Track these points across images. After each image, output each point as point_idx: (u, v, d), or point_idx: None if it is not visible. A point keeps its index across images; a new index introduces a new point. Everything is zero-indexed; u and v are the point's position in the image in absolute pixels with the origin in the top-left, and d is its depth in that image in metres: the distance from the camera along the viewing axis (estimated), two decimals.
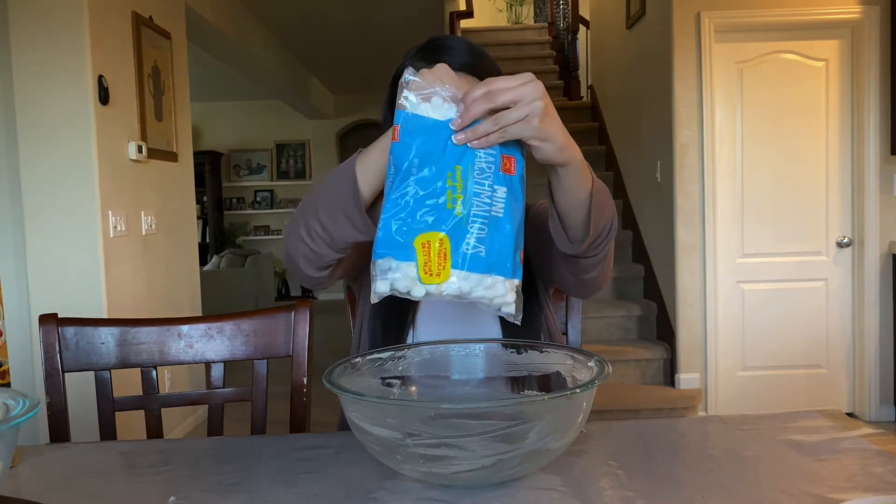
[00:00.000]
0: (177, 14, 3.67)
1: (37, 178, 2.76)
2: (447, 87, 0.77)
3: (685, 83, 3.48)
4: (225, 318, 1.28)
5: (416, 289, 0.76)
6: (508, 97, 0.73)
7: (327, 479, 0.82)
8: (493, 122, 0.74)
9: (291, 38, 6.05)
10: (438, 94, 0.77)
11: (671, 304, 3.65)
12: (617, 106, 4.81)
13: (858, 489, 0.75)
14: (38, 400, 0.68)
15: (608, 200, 0.90)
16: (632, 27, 4.27)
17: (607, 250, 0.96)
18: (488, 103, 0.74)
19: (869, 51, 3.42)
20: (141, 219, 3.18)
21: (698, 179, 3.50)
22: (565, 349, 0.88)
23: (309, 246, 0.92)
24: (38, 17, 2.72)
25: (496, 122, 0.74)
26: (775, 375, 3.58)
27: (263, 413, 1.26)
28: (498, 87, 0.74)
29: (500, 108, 0.74)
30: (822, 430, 0.93)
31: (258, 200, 9.08)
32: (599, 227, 0.89)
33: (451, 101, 0.77)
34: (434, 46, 1.03)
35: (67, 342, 1.23)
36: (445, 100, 0.77)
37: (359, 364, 0.88)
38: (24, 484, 0.86)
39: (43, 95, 2.74)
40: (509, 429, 0.71)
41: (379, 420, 0.72)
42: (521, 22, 8.68)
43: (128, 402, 1.25)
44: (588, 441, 0.90)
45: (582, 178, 0.84)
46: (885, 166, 3.45)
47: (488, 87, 0.74)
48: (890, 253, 3.48)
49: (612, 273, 1.04)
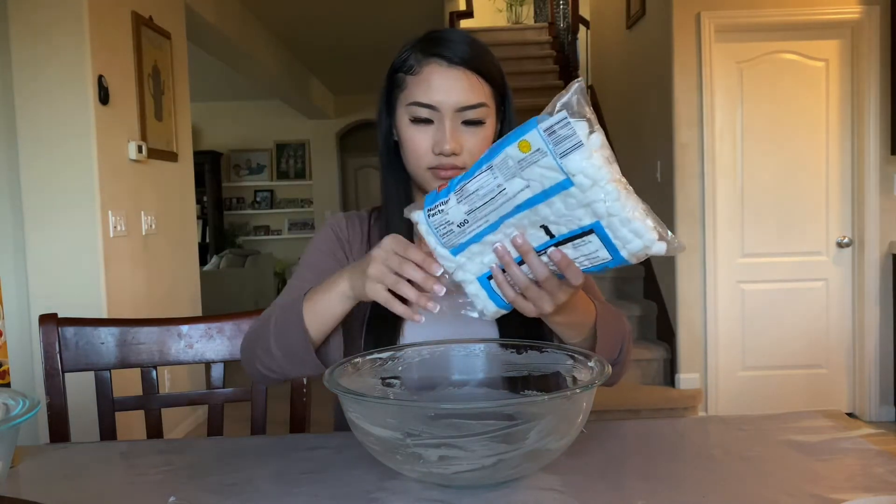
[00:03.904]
0: (177, 14, 3.67)
1: (37, 178, 2.76)
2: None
3: (685, 83, 3.48)
4: (225, 318, 1.28)
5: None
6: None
7: (327, 479, 0.82)
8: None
9: (291, 38, 6.05)
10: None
11: (671, 304, 3.65)
12: (617, 106, 4.81)
13: (858, 489, 0.75)
14: (38, 400, 0.68)
15: (616, 322, 0.94)
16: (632, 27, 4.27)
17: (623, 362, 0.99)
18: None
19: (869, 51, 3.42)
20: (141, 219, 3.18)
21: (698, 179, 3.50)
22: (565, 349, 0.88)
23: (266, 375, 0.98)
24: (38, 17, 2.72)
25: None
26: (775, 375, 3.58)
27: (263, 413, 1.26)
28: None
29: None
30: (823, 430, 0.93)
31: (258, 200, 9.08)
32: (614, 354, 0.94)
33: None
34: (432, 39, 1.00)
35: (67, 342, 1.22)
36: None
37: (359, 364, 0.88)
38: (24, 484, 0.86)
39: (43, 95, 2.74)
40: (509, 429, 0.71)
41: (379, 420, 0.72)
42: (521, 22, 8.67)
43: (128, 402, 1.25)
44: (588, 441, 0.90)
45: (584, 314, 0.89)
46: (885, 166, 3.45)
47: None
48: (890, 253, 3.48)
49: (629, 366, 1.06)
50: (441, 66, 0.98)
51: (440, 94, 0.97)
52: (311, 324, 0.91)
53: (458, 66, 0.98)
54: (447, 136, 0.96)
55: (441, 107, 0.97)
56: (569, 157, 0.66)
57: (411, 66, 1.00)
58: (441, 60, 0.98)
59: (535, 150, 0.67)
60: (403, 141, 1.02)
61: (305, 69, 7.24)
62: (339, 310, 0.91)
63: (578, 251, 0.73)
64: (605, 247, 0.71)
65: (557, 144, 0.66)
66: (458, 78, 0.97)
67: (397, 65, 1.03)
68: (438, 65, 0.98)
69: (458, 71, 0.98)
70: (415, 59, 1.00)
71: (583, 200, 0.68)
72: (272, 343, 0.94)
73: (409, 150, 1.01)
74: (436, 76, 0.98)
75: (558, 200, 0.70)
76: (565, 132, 0.66)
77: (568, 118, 0.66)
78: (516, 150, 0.69)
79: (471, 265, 0.80)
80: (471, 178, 0.74)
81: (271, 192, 9.10)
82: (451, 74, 0.97)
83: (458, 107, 0.97)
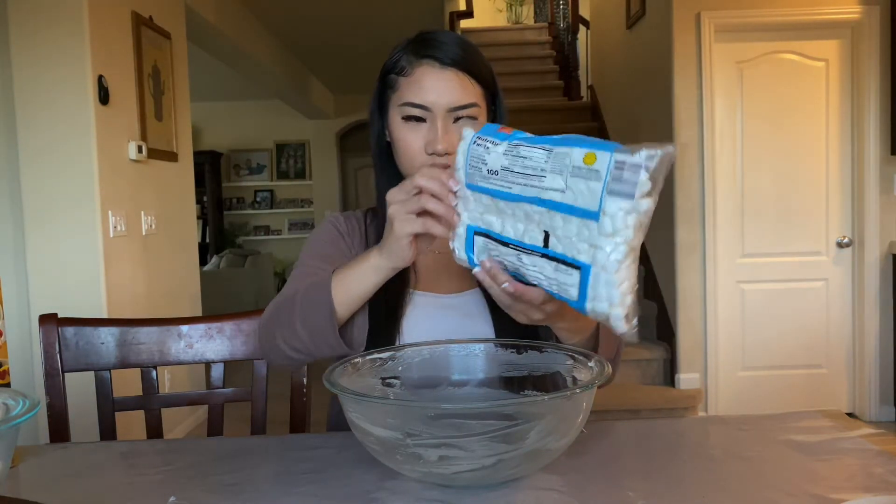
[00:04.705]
0: (177, 14, 3.67)
1: (37, 178, 2.76)
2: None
3: (685, 83, 3.48)
4: (225, 318, 1.28)
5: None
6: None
7: (327, 479, 0.82)
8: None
9: (291, 38, 6.05)
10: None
11: (671, 304, 3.65)
12: (617, 106, 4.81)
13: (858, 489, 0.75)
14: (38, 400, 0.68)
15: (607, 341, 0.95)
16: (632, 27, 4.27)
17: (619, 359, 1.01)
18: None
19: (869, 51, 3.42)
20: (141, 219, 3.18)
21: (698, 179, 3.50)
22: (565, 349, 0.88)
23: (288, 354, 0.96)
24: (38, 17, 2.72)
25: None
26: (775, 375, 3.58)
27: (263, 413, 1.26)
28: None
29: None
30: (823, 430, 0.93)
31: (258, 200, 9.08)
32: (612, 354, 0.95)
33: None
34: (424, 41, 1.01)
35: (67, 342, 1.22)
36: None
37: (359, 364, 0.88)
38: (24, 484, 0.86)
39: (43, 95, 2.74)
40: (509, 429, 0.71)
41: (379, 420, 0.72)
42: (521, 22, 8.68)
43: (128, 402, 1.25)
44: (588, 441, 0.90)
45: (585, 319, 0.88)
46: (885, 166, 3.45)
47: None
48: (890, 253, 3.48)
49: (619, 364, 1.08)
50: (433, 68, 0.99)
51: (432, 94, 0.98)
52: (340, 300, 0.91)
53: (449, 67, 0.98)
54: (439, 136, 0.97)
55: (433, 107, 0.98)
56: (614, 197, 0.65)
57: (403, 68, 1.01)
58: (433, 62, 0.99)
59: (595, 168, 0.67)
60: (396, 141, 1.02)
61: (305, 69, 7.24)
62: (372, 282, 0.91)
63: (556, 274, 0.72)
64: (578, 287, 0.70)
65: (615, 180, 0.65)
66: (449, 79, 0.98)
67: (389, 66, 1.03)
68: (430, 66, 0.99)
69: (450, 72, 0.98)
70: (406, 61, 1.01)
71: (593, 240, 0.68)
72: (297, 320, 0.93)
73: (401, 150, 1.01)
74: (428, 77, 0.98)
75: (576, 223, 0.69)
76: (629, 176, 0.65)
77: (642, 167, 0.65)
78: (581, 154, 0.68)
79: (472, 208, 0.80)
80: (531, 144, 0.73)
81: (271, 192, 9.10)
82: (443, 76, 0.98)
83: (450, 107, 0.98)
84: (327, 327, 0.91)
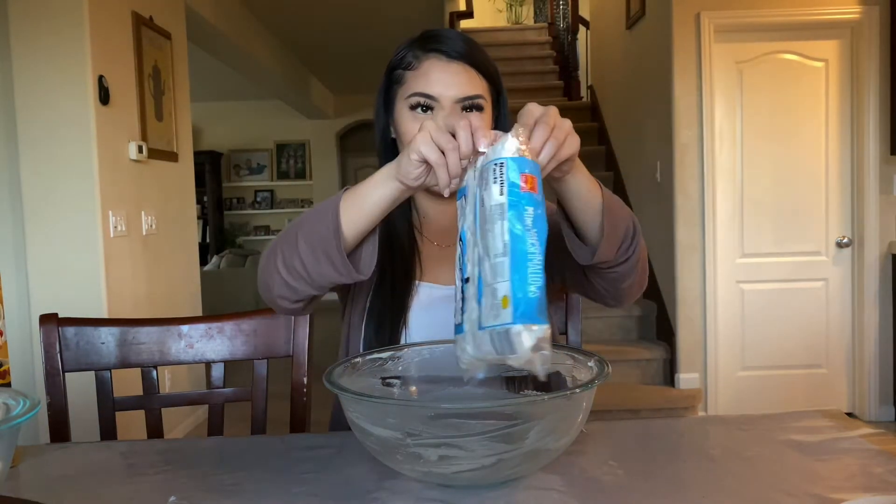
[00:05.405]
0: (177, 14, 3.67)
1: (37, 178, 2.76)
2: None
3: (685, 83, 3.48)
4: (225, 318, 1.28)
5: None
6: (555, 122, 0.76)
7: (327, 479, 0.82)
8: (555, 145, 0.74)
9: (291, 38, 6.05)
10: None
11: (671, 304, 3.65)
12: (617, 106, 4.81)
13: (858, 489, 0.75)
14: (38, 400, 0.68)
15: (620, 203, 0.90)
16: (632, 27, 4.27)
17: (638, 254, 0.94)
18: (549, 129, 0.74)
19: (869, 51, 3.42)
20: (141, 219, 3.18)
21: (698, 179, 3.50)
22: (565, 349, 0.88)
23: (285, 280, 0.88)
24: (39, 18, 2.72)
25: (556, 144, 0.75)
26: (775, 375, 3.58)
27: (263, 413, 1.26)
28: (551, 115, 0.75)
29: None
30: (822, 430, 0.93)
31: (258, 200, 9.08)
32: (620, 230, 0.88)
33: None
34: (430, 37, 1.01)
35: (68, 342, 1.23)
36: None
37: (359, 364, 0.88)
38: (24, 484, 0.86)
39: (43, 95, 2.74)
40: (509, 429, 0.71)
41: (379, 420, 0.72)
42: (520, 22, 8.68)
43: (128, 402, 1.25)
44: (588, 441, 0.90)
45: (590, 182, 0.85)
46: (885, 166, 3.45)
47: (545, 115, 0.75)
48: (890, 253, 3.48)
49: (646, 277, 1.02)
50: (440, 61, 1.00)
51: (440, 86, 0.99)
52: (348, 215, 0.84)
53: (456, 60, 0.99)
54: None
55: (441, 98, 0.99)
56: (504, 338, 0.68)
57: (410, 62, 1.02)
58: (440, 55, 1.00)
59: (504, 310, 0.68)
60: (401, 134, 1.02)
61: (305, 69, 7.24)
62: (378, 194, 0.83)
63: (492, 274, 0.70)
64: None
65: (501, 338, 0.67)
66: (457, 72, 0.99)
67: (395, 62, 1.04)
68: (437, 59, 1.00)
69: (457, 65, 0.99)
70: (413, 56, 1.02)
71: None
72: (299, 236, 0.86)
73: (407, 141, 1.01)
74: (435, 69, 0.99)
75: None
76: (513, 340, 0.67)
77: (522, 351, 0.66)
78: (502, 295, 0.68)
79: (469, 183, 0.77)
80: (504, 232, 0.69)
81: (271, 192, 9.10)
82: (451, 68, 0.99)
83: (457, 98, 0.99)
84: (329, 238, 0.83)
